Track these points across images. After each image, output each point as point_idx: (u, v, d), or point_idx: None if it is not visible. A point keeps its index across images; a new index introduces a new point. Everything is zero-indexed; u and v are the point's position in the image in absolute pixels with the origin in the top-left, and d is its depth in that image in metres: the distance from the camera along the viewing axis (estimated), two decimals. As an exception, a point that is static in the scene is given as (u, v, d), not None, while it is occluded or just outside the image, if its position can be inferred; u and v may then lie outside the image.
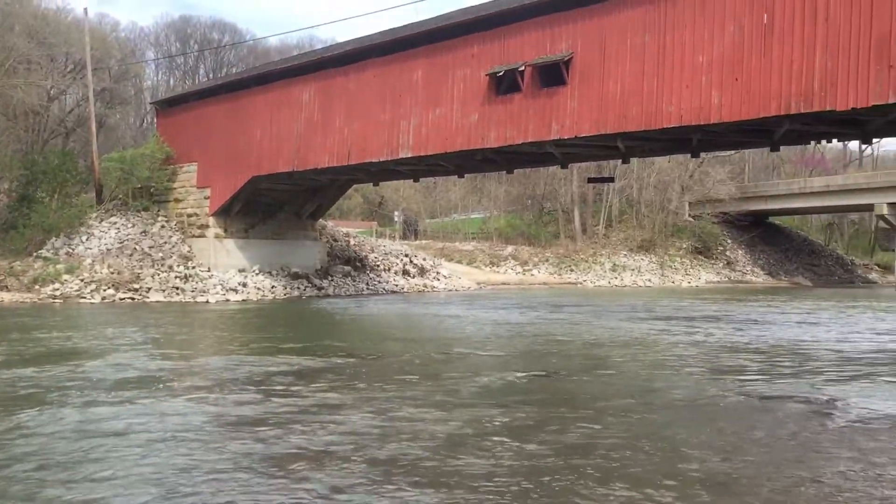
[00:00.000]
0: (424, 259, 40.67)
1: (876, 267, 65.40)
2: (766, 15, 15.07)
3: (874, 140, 47.28)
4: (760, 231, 61.91)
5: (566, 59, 18.06)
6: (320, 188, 30.54)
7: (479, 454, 6.87)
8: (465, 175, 29.21)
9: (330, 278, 32.26)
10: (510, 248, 53.00)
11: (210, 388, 10.14)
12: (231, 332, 18.21)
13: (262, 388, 10.06)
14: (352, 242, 36.72)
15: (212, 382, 10.63)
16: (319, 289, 30.95)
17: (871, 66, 13.71)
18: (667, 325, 20.55)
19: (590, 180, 41.44)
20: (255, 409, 8.71)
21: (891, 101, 13.66)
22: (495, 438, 7.44)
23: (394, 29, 22.64)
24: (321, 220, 34.47)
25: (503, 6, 19.85)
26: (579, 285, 47.90)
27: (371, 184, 33.28)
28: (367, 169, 25.08)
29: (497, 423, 8.11)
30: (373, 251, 37.59)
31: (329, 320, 21.86)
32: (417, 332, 19.03)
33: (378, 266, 36.17)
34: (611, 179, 42.55)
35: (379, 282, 34.59)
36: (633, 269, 52.22)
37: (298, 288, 30.18)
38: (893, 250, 56.45)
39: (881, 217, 53.56)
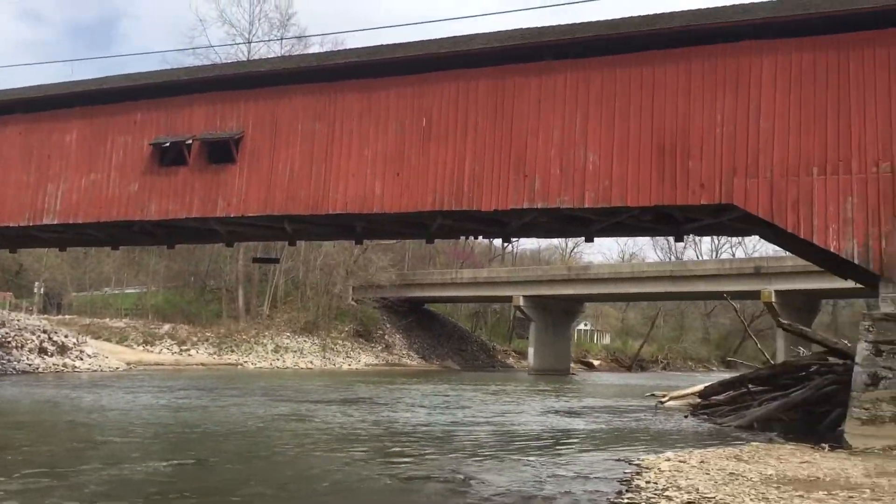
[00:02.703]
0: (67, 336, 36.87)
1: (513, 353, 72.56)
2: (424, 119, 16.42)
3: (513, 239, 53.61)
4: (417, 317, 65.79)
5: (236, 137, 17.92)
6: (-59, 251, 26.48)
7: None
8: (121, 247, 27.26)
9: (-55, 356, 27.78)
10: (167, 327, 50.26)
11: None
12: None
13: None
14: (-23, 315, 32.16)
15: None
16: (-71, 368, 26.44)
17: (511, 176, 15.52)
18: (322, 407, 20.68)
19: (255, 260, 41.14)
20: None
21: (525, 206, 15.55)
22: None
23: (45, 85, 20.70)
24: (-61, 288, 29.79)
25: (171, 77, 19.29)
26: (240, 367, 46.62)
27: (7, 250, 29.61)
28: (2, 234, 22.30)
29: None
30: (3, 325, 33.23)
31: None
32: (48, 418, 16.95)
33: (9, 343, 31.98)
34: (276, 260, 42.60)
35: (8, 361, 30.51)
36: (295, 351, 52.18)
37: None
38: (527, 338, 63.21)
39: (518, 308, 59.99)
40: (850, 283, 17.45)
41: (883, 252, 12.90)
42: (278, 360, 50.01)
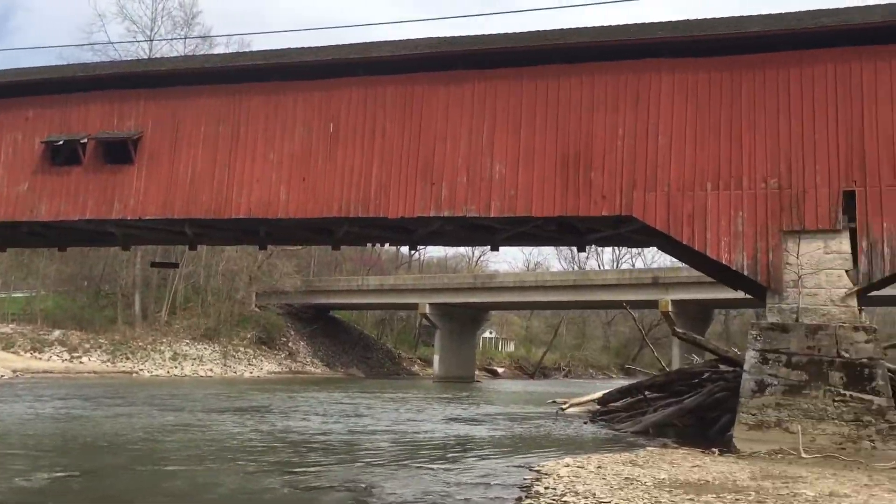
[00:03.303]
0: (-53, 342, 34.81)
1: (419, 360, 72.72)
2: (332, 124, 16.27)
3: (420, 247, 53.80)
4: (322, 324, 65.09)
5: (134, 137, 17.31)
6: None
7: None
8: (8, 249, 25.91)
9: None
10: (58, 333, 48.08)
11: None
12: None
13: None
14: None
15: None
16: None
17: (418, 183, 15.54)
18: (215, 417, 20.16)
19: (153, 265, 39.77)
20: None
21: (432, 214, 15.59)
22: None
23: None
24: None
25: (67, 73, 18.47)
26: (135, 374, 45.03)
27: None
28: None
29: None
30: None
31: None
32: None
33: None
34: (175, 265, 41.37)
35: None
36: (194, 359, 50.75)
37: None
38: (433, 345, 63.46)
39: (424, 315, 60.17)
40: (740, 294, 18.22)
41: (770, 265, 13.54)
42: (176, 367, 48.54)
